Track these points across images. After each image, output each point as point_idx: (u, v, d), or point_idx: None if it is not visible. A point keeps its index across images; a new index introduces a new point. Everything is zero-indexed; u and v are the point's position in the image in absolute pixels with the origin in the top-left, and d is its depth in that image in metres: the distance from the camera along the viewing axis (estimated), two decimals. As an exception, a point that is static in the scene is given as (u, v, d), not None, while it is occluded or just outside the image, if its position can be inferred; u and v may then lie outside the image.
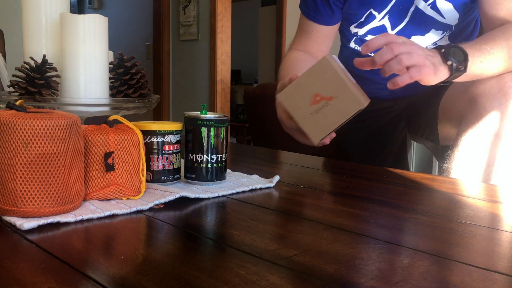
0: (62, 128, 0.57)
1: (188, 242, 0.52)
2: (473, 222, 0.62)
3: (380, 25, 1.19)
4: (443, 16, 1.13)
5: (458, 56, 0.89)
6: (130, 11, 4.55)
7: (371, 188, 0.83)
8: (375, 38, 0.87)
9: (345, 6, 1.21)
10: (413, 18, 1.15)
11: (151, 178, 0.74)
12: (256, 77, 6.07)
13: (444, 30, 1.15)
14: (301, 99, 0.90)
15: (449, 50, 0.89)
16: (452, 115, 1.11)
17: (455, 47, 0.90)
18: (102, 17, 0.86)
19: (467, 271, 0.45)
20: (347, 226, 0.59)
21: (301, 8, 1.31)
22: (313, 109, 0.90)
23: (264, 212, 0.65)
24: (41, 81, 0.80)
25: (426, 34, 1.16)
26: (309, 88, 0.89)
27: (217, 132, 0.75)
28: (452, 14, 1.12)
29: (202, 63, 3.54)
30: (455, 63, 0.88)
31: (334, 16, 1.25)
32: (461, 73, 0.90)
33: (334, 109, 0.88)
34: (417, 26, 1.16)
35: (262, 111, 2.45)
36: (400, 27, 1.17)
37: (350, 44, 1.29)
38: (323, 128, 0.91)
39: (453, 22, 1.14)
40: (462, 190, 0.86)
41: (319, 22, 1.27)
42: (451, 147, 1.03)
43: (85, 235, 0.53)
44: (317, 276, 0.43)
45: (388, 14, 1.16)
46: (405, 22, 1.16)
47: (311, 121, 0.91)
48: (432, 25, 1.15)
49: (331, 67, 0.87)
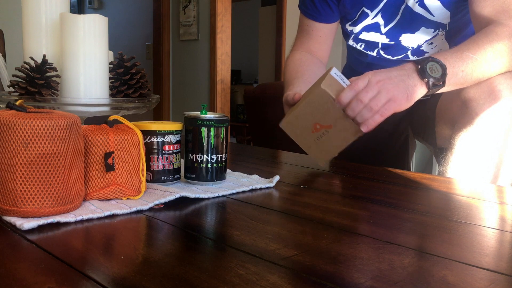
0: (62, 128, 0.57)
1: (188, 242, 0.52)
2: (473, 222, 0.62)
3: (374, 23, 1.19)
4: (432, 14, 1.13)
5: (435, 72, 0.89)
6: (130, 11, 4.55)
7: (371, 188, 0.83)
8: (343, 94, 0.87)
9: (340, 5, 1.23)
10: (404, 15, 1.15)
11: (151, 178, 0.74)
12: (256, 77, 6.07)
13: (436, 29, 1.15)
14: (303, 127, 0.94)
15: (426, 67, 0.89)
16: (447, 118, 1.12)
17: (432, 61, 0.89)
18: (102, 17, 0.86)
19: (467, 271, 0.45)
20: (347, 226, 0.59)
21: (301, 8, 1.31)
22: (315, 136, 0.93)
23: (264, 212, 0.65)
24: (41, 81, 0.80)
25: (416, 32, 1.17)
26: (309, 117, 0.92)
27: (217, 132, 0.75)
28: (442, 12, 1.12)
29: (202, 63, 3.54)
30: (431, 80, 0.88)
31: (333, 14, 1.26)
32: (439, 87, 0.90)
33: (334, 137, 0.92)
34: (407, 24, 1.16)
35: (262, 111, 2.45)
36: (392, 24, 1.18)
37: (349, 42, 1.31)
38: (326, 153, 0.95)
39: (445, 21, 1.14)
40: (462, 190, 0.86)
41: (318, 21, 1.28)
42: (446, 149, 1.04)
43: (85, 235, 0.53)
44: (317, 276, 0.43)
45: (380, 12, 1.17)
46: (397, 19, 1.16)
47: (314, 147, 0.95)
48: (422, 23, 1.15)
49: (328, 97, 0.88)
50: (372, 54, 1.26)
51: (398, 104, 0.88)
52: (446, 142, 1.12)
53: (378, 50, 1.25)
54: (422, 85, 0.89)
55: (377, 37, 1.22)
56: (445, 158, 1.02)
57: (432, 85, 0.89)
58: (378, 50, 1.24)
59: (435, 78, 0.88)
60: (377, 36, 1.21)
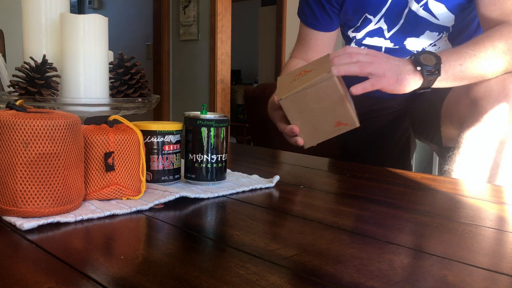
0: (62, 128, 0.57)
1: (188, 242, 0.52)
2: (473, 222, 0.62)
3: (377, 28, 1.19)
4: (436, 18, 1.13)
5: (429, 61, 0.90)
6: (130, 11, 4.55)
7: (371, 188, 0.83)
8: (338, 51, 0.90)
9: (341, 12, 1.23)
10: (407, 20, 1.15)
11: (151, 178, 0.74)
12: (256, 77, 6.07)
13: (440, 32, 1.15)
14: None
15: (419, 57, 0.91)
16: (454, 117, 1.11)
17: (426, 53, 0.91)
18: (102, 17, 0.86)
19: (467, 271, 0.45)
20: (347, 226, 0.59)
21: (300, 16, 1.31)
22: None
23: (264, 212, 0.65)
24: (41, 81, 0.80)
25: (421, 36, 1.17)
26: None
27: (217, 132, 0.75)
28: (446, 15, 1.12)
29: (202, 63, 3.54)
30: (425, 68, 0.90)
31: (332, 23, 1.26)
32: (435, 76, 0.91)
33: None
34: (411, 28, 1.16)
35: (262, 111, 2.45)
36: (395, 29, 1.18)
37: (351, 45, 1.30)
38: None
39: (449, 24, 1.14)
40: (462, 190, 0.86)
41: (317, 29, 1.28)
42: (452, 148, 1.03)
43: (85, 235, 0.53)
44: (317, 276, 0.43)
45: (383, 17, 1.17)
46: (400, 24, 1.17)
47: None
48: (426, 27, 1.15)
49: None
50: None
51: (386, 81, 0.89)
52: (452, 141, 1.12)
53: None
54: (416, 74, 0.90)
55: (381, 42, 1.21)
56: (452, 157, 1.02)
57: (426, 74, 0.90)
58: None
59: (429, 66, 0.90)
60: (381, 41, 1.21)
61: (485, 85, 0.95)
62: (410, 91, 0.93)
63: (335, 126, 0.91)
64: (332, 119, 0.90)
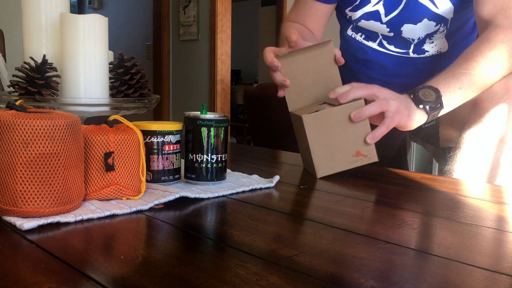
0: (62, 128, 0.57)
1: (188, 242, 0.52)
2: (473, 222, 0.62)
3: (374, 10, 1.18)
4: (436, 6, 1.13)
5: (429, 97, 0.90)
6: (130, 11, 4.55)
7: (371, 188, 0.83)
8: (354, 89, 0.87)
9: None
10: (407, 5, 1.15)
11: (151, 178, 0.74)
12: (256, 77, 6.07)
13: (438, 22, 1.15)
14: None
15: (418, 94, 0.90)
16: (454, 119, 1.11)
17: (424, 88, 0.91)
18: (102, 17, 0.86)
19: (467, 271, 0.45)
20: (347, 226, 0.59)
21: None
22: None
23: (264, 212, 0.65)
24: (41, 81, 0.80)
25: (418, 24, 1.16)
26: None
27: (217, 132, 0.75)
28: (446, 5, 1.12)
29: (202, 63, 3.54)
30: (427, 105, 0.89)
31: None
32: (439, 110, 0.91)
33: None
34: (410, 14, 1.16)
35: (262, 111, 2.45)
36: (393, 14, 1.17)
37: (348, 32, 1.29)
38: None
39: (448, 15, 1.14)
40: (462, 190, 0.86)
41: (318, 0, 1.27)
42: (453, 149, 1.03)
43: (85, 235, 0.53)
44: (317, 276, 0.43)
45: (383, 0, 1.16)
46: (399, 9, 1.16)
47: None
48: (425, 14, 1.14)
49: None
50: (373, 45, 1.25)
51: (400, 116, 0.88)
52: (451, 142, 1.12)
53: (380, 40, 1.24)
54: (420, 110, 0.90)
55: (377, 26, 1.21)
56: (452, 157, 1.02)
57: (429, 109, 0.90)
58: (381, 40, 1.24)
59: (430, 102, 0.89)
60: (377, 25, 1.20)
61: (488, 89, 0.95)
62: (416, 127, 0.92)
63: (353, 156, 0.89)
64: (352, 147, 0.89)
